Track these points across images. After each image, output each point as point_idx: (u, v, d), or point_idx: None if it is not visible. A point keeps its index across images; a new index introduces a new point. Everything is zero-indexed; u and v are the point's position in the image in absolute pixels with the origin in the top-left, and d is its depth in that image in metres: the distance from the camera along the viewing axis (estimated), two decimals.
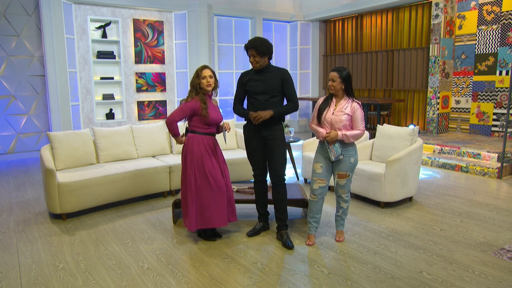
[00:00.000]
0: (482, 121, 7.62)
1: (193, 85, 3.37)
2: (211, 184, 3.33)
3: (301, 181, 5.58)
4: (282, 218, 3.49)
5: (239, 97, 3.50)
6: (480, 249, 3.32)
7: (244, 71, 3.53)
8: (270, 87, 3.33)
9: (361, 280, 2.82)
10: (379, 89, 9.45)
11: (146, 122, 8.42)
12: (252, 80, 3.39)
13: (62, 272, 3.00)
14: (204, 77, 3.33)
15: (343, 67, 3.30)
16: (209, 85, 3.35)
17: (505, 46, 7.16)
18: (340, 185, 3.35)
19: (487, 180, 5.57)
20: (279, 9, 10.17)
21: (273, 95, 3.35)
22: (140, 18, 8.22)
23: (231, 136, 5.69)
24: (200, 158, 3.33)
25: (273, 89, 3.34)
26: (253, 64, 3.35)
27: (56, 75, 7.08)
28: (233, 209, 3.53)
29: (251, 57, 3.33)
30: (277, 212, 3.50)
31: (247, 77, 3.43)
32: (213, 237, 3.56)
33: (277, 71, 3.40)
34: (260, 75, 3.38)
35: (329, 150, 3.23)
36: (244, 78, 3.45)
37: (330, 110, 3.28)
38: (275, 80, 3.35)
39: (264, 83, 3.34)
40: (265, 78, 3.35)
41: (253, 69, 3.43)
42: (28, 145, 7.44)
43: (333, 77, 3.24)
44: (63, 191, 4.00)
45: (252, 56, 3.31)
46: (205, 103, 3.33)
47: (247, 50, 3.35)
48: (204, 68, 3.38)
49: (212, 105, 3.46)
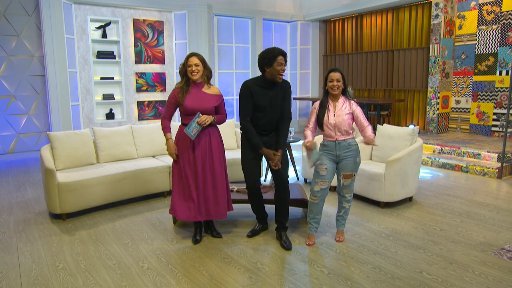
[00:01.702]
0: (482, 121, 7.62)
1: (181, 73, 3.33)
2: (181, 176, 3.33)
3: (301, 181, 5.58)
4: (283, 220, 3.46)
5: (248, 110, 3.25)
6: (480, 249, 3.32)
7: (248, 80, 3.32)
8: (276, 101, 3.26)
9: (361, 280, 2.82)
10: (379, 89, 9.45)
11: (146, 122, 8.42)
12: (261, 92, 3.23)
13: (62, 272, 3.00)
14: (190, 65, 3.25)
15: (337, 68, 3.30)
16: (194, 73, 3.24)
17: (505, 46, 7.16)
18: (345, 186, 3.34)
19: (487, 180, 5.57)
20: (279, 9, 10.17)
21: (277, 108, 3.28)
22: (140, 18, 8.22)
23: (230, 136, 5.67)
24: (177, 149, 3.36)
25: (278, 103, 3.27)
26: (280, 76, 3.18)
27: (56, 75, 7.08)
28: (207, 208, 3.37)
29: (283, 65, 3.15)
30: (278, 214, 3.45)
31: (256, 88, 3.24)
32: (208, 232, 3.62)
33: (281, 82, 3.29)
34: (269, 86, 3.25)
35: (309, 156, 3.21)
36: (253, 88, 3.24)
37: (330, 113, 3.25)
38: (280, 93, 3.28)
39: (272, 96, 3.25)
40: (273, 91, 3.25)
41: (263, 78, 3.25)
42: (28, 145, 7.44)
43: (338, 77, 3.20)
44: (63, 191, 4.00)
45: (283, 65, 3.16)
46: (184, 91, 3.27)
47: (279, 55, 3.14)
48: (191, 55, 3.29)
49: (201, 94, 3.32)
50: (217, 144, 3.38)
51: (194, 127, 3.21)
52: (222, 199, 3.39)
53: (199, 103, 3.28)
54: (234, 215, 4.09)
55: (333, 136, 3.25)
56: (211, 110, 3.32)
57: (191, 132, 3.20)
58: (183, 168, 3.33)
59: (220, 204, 3.38)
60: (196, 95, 3.30)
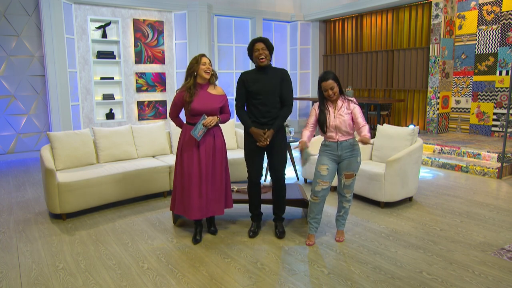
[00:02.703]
0: (482, 121, 7.62)
1: (192, 71, 3.34)
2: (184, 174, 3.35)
3: (301, 181, 5.58)
4: (279, 213, 3.63)
5: (241, 98, 3.44)
6: (480, 249, 3.32)
7: (244, 71, 3.52)
8: (271, 86, 3.35)
9: (361, 280, 2.82)
10: (379, 89, 9.45)
11: (146, 122, 8.42)
12: (254, 79, 3.38)
13: (62, 272, 3.00)
14: (204, 63, 3.33)
15: (328, 71, 3.28)
16: (207, 72, 3.34)
17: (505, 46, 7.16)
18: (346, 185, 3.34)
19: (487, 180, 5.57)
20: (279, 9, 10.17)
21: (273, 95, 3.36)
22: (140, 18, 8.22)
23: (231, 136, 5.68)
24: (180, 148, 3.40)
25: (273, 89, 3.35)
26: (261, 59, 3.32)
27: (56, 75, 7.08)
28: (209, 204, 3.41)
29: (261, 50, 3.31)
30: (276, 209, 3.62)
31: (248, 76, 3.42)
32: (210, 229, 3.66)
33: (278, 70, 3.43)
34: (262, 74, 3.38)
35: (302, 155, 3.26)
36: (245, 77, 3.42)
37: (330, 115, 3.25)
38: (276, 80, 3.37)
39: (266, 82, 3.35)
40: (267, 77, 3.36)
41: (256, 68, 3.43)
42: (28, 145, 7.44)
43: (332, 85, 3.18)
44: (63, 191, 4.00)
45: (262, 49, 3.31)
46: (192, 93, 3.31)
47: (255, 43, 3.34)
48: (203, 55, 3.39)
49: (206, 95, 3.37)
50: (221, 144, 3.45)
51: (200, 129, 3.27)
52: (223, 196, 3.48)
53: (205, 104, 3.34)
54: (234, 215, 4.10)
55: (335, 137, 3.25)
56: (216, 111, 3.39)
57: (197, 134, 3.26)
58: (188, 167, 3.34)
59: (221, 201, 3.47)
60: (203, 97, 3.36)
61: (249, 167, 3.50)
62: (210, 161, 3.37)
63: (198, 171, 3.34)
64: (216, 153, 3.40)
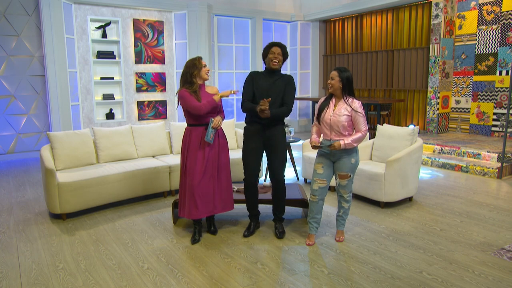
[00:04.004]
0: (482, 121, 7.62)
1: (192, 76, 3.34)
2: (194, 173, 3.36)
3: (301, 181, 5.58)
4: (279, 214, 3.64)
5: (248, 93, 3.46)
6: (480, 249, 3.32)
7: (253, 71, 3.60)
8: (276, 89, 3.40)
9: (361, 280, 2.82)
10: (379, 89, 9.45)
11: (146, 122, 8.42)
12: (262, 79, 3.44)
13: (62, 272, 3.00)
14: (205, 65, 3.42)
15: (346, 68, 3.29)
16: (208, 74, 3.46)
17: (505, 46, 7.16)
18: (342, 186, 3.35)
19: (487, 180, 5.57)
20: (279, 9, 10.17)
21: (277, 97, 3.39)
22: (140, 18, 8.22)
23: (231, 136, 5.67)
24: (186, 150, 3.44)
25: (278, 92, 3.40)
26: (274, 62, 3.39)
27: (56, 75, 7.08)
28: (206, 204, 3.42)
29: (276, 54, 3.38)
30: (275, 209, 3.63)
31: (257, 75, 3.48)
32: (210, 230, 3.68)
33: (285, 76, 3.51)
34: (271, 76, 3.45)
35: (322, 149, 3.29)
36: (255, 75, 3.49)
37: (329, 110, 3.27)
38: (282, 83, 3.43)
39: (272, 84, 3.41)
40: (274, 80, 3.43)
41: (266, 69, 3.49)
42: (28, 145, 7.44)
43: (333, 76, 3.25)
44: (63, 191, 4.00)
45: (278, 54, 3.39)
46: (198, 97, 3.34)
47: (273, 46, 3.39)
48: (201, 58, 3.46)
49: (207, 95, 3.43)
50: (224, 142, 3.56)
51: (211, 132, 3.34)
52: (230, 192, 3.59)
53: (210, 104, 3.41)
54: (234, 215, 4.10)
55: (329, 136, 3.28)
56: (219, 108, 3.51)
57: (209, 138, 3.33)
58: (196, 166, 3.36)
59: (228, 197, 3.55)
60: (205, 97, 3.41)
61: (245, 167, 3.50)
62: (216, 159, 3.45)
63: (204, 169, 3.38)
64: (221, 151, 3.49)
